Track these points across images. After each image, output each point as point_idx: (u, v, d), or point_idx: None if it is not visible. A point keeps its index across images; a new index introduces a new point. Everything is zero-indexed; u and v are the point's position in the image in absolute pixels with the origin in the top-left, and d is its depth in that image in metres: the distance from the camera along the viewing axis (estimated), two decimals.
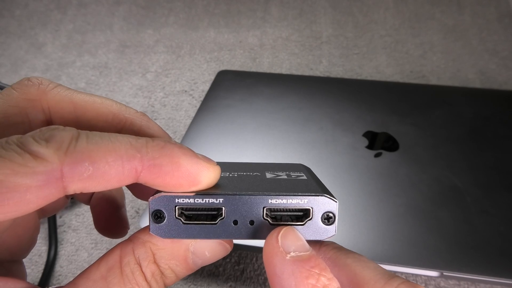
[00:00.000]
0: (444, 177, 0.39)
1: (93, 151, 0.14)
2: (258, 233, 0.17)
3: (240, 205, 0.16)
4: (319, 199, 0.17)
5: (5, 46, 0.71)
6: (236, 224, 0.17)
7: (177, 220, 0.17)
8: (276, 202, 0.16)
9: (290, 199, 0.16)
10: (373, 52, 0.64)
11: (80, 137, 0.15)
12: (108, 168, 0.15)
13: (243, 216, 0.17)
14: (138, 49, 0.68)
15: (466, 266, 0.33)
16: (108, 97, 0.59)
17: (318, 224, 0.17)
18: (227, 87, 0.52)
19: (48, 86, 0.19)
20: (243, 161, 0.24)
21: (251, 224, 0.17)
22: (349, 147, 0.43)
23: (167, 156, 0.16)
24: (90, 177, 0.14)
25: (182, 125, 0.54)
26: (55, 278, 0.39)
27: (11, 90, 0.18)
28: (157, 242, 0.17)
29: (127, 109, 0.19)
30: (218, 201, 0.16)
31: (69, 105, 0.19)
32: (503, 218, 0.36)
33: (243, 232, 0.17)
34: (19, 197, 0.13)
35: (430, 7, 0.72)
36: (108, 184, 0.15)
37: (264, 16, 0.74)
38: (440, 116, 0.46)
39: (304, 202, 0.17)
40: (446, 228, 0.35)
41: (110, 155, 0.15)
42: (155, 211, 0.16)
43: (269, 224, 0.17)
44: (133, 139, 0.16)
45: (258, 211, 0.17)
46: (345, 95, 0.49)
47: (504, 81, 0.58)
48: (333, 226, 0.17)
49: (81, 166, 0.14)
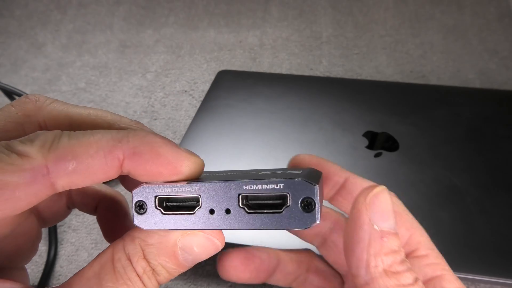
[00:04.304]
0: (444, 177, 0.39)
1: (75, 145, 0.15)
2: (234, 222, 0.16)
3: (215, 192, 0.16)
4: (295, 183, 0.15)
5: (5, 46, 0.71)
6: (212, 213, 0.16)
7: (157, 210, 0.17)
8: (251, 188, 0.16)
9: (264, 184, 0.15)
10: (373, 52, 0.64)
11: (63, 135, 0.15)
12: (91, 160, 0.15)
13: (219, 204, 0.16)
14: (138, 49, 0.69)
15: (466, 266, 0.33)
16: (108, 97, 0.60)
17: (298, 211, 0.15)
18: (227, 87, 0.52)
19: (44, 102, 0.19)
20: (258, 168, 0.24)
21: (227, 213, 0.16)
22: (349, 147, 0.43)
23: (147, 144, 0.16)
24: (75, 170, 0.15)
25: (182, 125, 0.54)
26: (55, 278, 0.39)
27: (9, 107, 0.19)
28: (145, 238, 0.17)
29: (122, 119, 0.19)
30: (194, 189, 0.16)
31: (65, 119, 0.19)
32: (503, 218, 0.36)
33: (220, 222, 0.16)
34: (9, 194, 0.14)
35: (430, 7, 0.72)
36: (94, 176, 0.16)
37: (264, 16, 0.74)
38: (440, 116, 0.46)
39: (280, 188, 0.15)
40: (446, 228, 0.35)
41: (91, 148, 0.15)
42: (138, 201, 0.17)
43: (246, 212, 0.16)
44: (114, 132, 0.16)
45: (233, 199, 0.16)
46: (345, 95, 0.49)
47: (504, 81, 0.58)
48: (314, 213, 0.15)
49: (65, 160, 0.15)
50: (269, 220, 0.16)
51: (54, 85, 0.63)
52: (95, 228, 0.43)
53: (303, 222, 0.16)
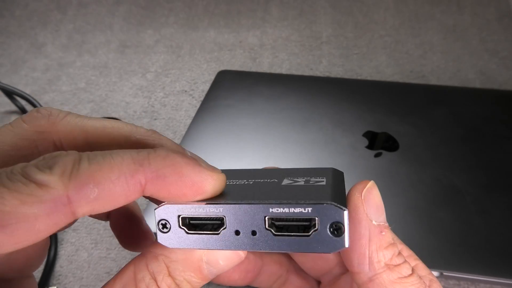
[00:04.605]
0: (444, 177, 0.39)
1: (96, 171, 0.14)
2: (261, 244, 0.16)
3: (240, 214, 0.16)
4: (324, 208, 0.15)
5: (5, 46, 0.71)
6: (238, 234, 0.16)
7: (181, 230, 0.16)
8: (278, 211, 0.15)
9: (292, 207, 0.15)
10: (373, 52, 0.64)
11: (82, 159, 0.15)
12: (112, 186, 0.15)
13: (244, 226, 0.16)
14: (138, 49, 0.69)
15: (466, 266, 0.33)
16: (108, 97, 0.60)
17: (326, 235, 0.15)
18: (227, 87, 0.52)
19: (58, 117, 0.19)
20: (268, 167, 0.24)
21: (253, 234, 0.16)
22: (349, 147, 0.43)
23: (170, 167, 0.15)
24: (97, 198, 0.14)
25: (182, 125, 0.54)
26: (55, 278, 0.39)
27: (21, 122, 0.18)
28: (169, 255, 0.17)
29: (137, 129, 0.19)
30: (218, 210, 0.16)
31: (81, 134, 0.19)
32: (503, 218, 0.36)
33: (245, 243, 0.16)
34: (29, 227, 0.13)
35: (430, 7, 0.72)
36: (116, 202, 0.15)
37: (264, 16, 0.74)
38: (440, 116, 0.46)
39: (308, 211, 0.15)
40: (446, 228, 0.35)
41: (113, 173, 0.15)
42: (161, 220, 0.16)
43: (272, 234, 0.15)
44: (134, 152, 0.15)
45: (260, 221, 0.15)
46: (345, 95, 0.49)
47: (504, 81, 0.58)
48: (342, 238, 0.15)
49: (86, 188, 0.14)
50: (296, 243, 0.16)
51: (54, 85, 0.63)
52: (95, 228, 0.43)
53: (331, 247, 0.15)
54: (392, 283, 0.17)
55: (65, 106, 0.59)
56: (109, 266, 0.39)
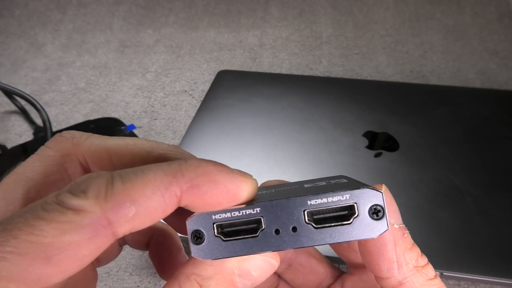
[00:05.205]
0: (444, 177, 0.39)
1: (130, 189, 0.14)
2: (303, 240, 0.15)
3: (278, 212, 0.15)
4: (362, 192, 0.15)
5: (5, 46, 0.71)
6: (278, 233, 0.15)
7: (217, 238, 0.16)
8: (316, 202, 0.15)
9: (330, 197, 0.15)
10: (373, 52, 0.64)
11: (115, 179, 0.14)
12: (149, 202, 0.14)
13: (284, 223, 0.15)
14: (138, 49, 0.68)
15: (466, 266, 0.33)
16: (108, 97, 0.60)
17: (367, 220, 0.15)
18: (227, 87, 0.52)
19: (80, 139, 0.19)
20: None
21: (294, 231, 0.15)
22: (349, 147, 0.43)
23: (203, 175, 0.15)
24: (135, 216, 0.14)
25: (182, 125, 0.54)
26: None
27: (46, 149, 0.18)
28: (201, 272, 0.16)
29: (159, 145, 0.19)
30: (255, 211, 0.15)
31: (105, 153, 0.19)
32: (503, 218, 0.36)
33: (287, 241, 0.15)
34: (73, 254, 0.13)
35: (430, 7, 0.72)
36: (153, 217, 0.15)
37: (264, 16, 0.74)
38: (440, 116, 0.45)
39: (346, 198, 0.15)
40: (446, 228, 0.35)
41: (148, 189, 0.14)
42: (194, 231, 0.16)
43: (313, 228, 0.15)
44: (166, 165, 0.15)
45: (299, 216, 0.15)
46: (345, 95, 0.49)
47: (504, 81, 0.58)
48: (384, 221, 0.15)
49: (124, 208, 0.14)
50: (338, 233, 0.16)
51: (54, 85, 0.63)
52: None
53: (374, 230, 0.15)
54: (422, 286, 0.17)
55: (65, 106, 0.59)
56: (109, 266, 0.39)
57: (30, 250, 0.13)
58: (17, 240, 0.13)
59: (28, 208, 0.14)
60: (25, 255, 0.13)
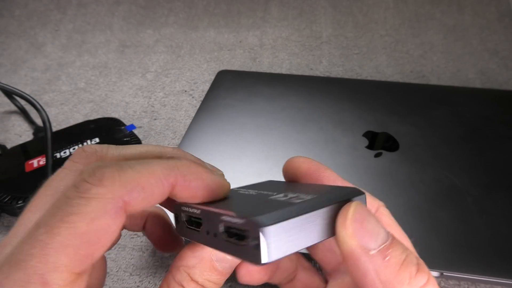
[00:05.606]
0: (444, 177, 0.39)
1: (139, 178, 0.17)
2: (221, 245, 0.18)
3: (208, 218, 0.18)
4: (249, 222, 0.16)
5: (5, 46, 0.71)
6: (208, 234, 0.18)
7: (184, 223, 0.20)
8: (226, 219, 0.17)
9: (233, 218, 0.16)
10: (373, 52, 0.64)
11: (125, 168, 0.17)
12: (153, 188, 0.17)
13: (211, 228, 0.18)
14: (138, 49, 0.68)
15: (466, 266, 0.33)
16: (108, 97, 0.60)
17: (250, 247, 0.16)
18: (227, 87, 0.52)
19: (102, 151, 0.21)
20: None
21: (215, 236, 0.18)
22: (349, 147, 0.43)
23: (194, 174, 0.19)
24: (144, 198, 0.17)
25: (182, 125, 0.54)
26: None
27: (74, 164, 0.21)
28: (187, 263, 0.20)
29: (165, 149, 0.22)
30: (198, 212, 0.19)
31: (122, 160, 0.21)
32: (503, 218, 0.36)
33: (212, 243, 0.18)
34: (105, 233, 0.16)
35: (430, 7, 0.72)
36: (154, 201, 0.18)
37: (264, 16, 0.74)
38: (440, 116, 0.45)
39: (240, 222, 0.16)
40: (446, 228, 0.35)
41: (152, 178, 0.17)
42: (175, 214, 0.20)
43: (225, 238, 0.17)
44: (164, 161, 0.19)
45: (218, 226, 0.18)
46: (345, 95, 0.49)
47: (504, 81, 0.58)
48: (259, 254, 0.15)
49: (135, 192, 0.17)
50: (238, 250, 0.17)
51: (53, 85, 0.63)
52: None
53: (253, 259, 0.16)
54: None
55: (65, 106, 0.59)
56: (109, 266, 0.39)
57: (73, 241, 0.15)
58: (60, 236, 0.15)
59: (55, 208, 0.16)
60: (70, 246, 0.15)
